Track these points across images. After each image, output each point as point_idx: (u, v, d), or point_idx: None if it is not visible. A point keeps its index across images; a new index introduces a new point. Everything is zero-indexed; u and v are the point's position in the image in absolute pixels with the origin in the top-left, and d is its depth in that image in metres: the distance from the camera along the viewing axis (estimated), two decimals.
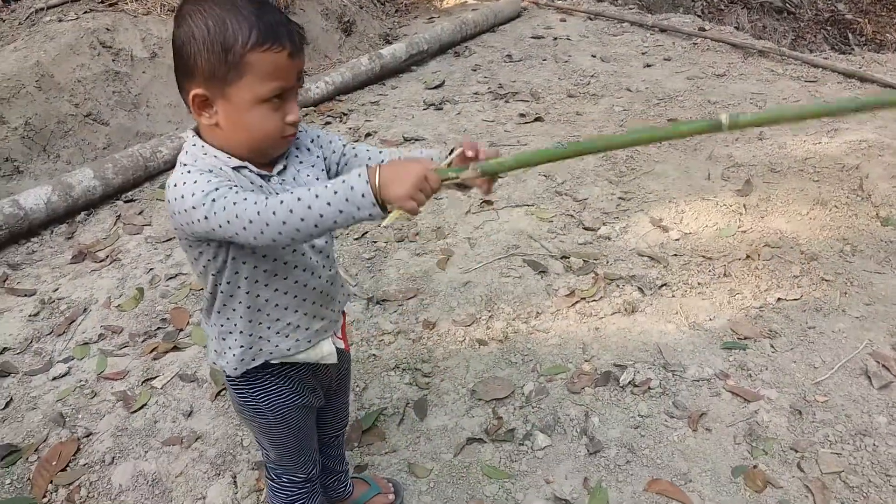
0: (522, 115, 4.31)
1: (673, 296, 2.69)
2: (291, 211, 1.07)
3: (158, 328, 2.72)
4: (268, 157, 1.27)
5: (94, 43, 4.16)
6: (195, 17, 1.14)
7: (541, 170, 3.61)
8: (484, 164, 1.18)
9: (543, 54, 5.31)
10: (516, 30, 5.91)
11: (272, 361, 1.41)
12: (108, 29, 4.26)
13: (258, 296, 1.32)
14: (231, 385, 1.46)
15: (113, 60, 4.20)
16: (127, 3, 4.48)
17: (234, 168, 1.22)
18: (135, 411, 2.33)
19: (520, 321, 2.62)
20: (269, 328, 1.37)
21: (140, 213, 3.48)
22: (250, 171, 1.24)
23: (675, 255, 2.92)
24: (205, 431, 2.24)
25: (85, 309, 2.85)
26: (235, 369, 1.40)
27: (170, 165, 3.85)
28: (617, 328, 2.55)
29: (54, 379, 2.50)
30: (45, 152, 3.83)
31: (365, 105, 4.61)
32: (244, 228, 1.11)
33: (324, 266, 1.39)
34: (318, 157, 1.37)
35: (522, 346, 2.50)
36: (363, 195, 1.07)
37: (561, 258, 2.94)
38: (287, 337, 1.39)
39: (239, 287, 1.31)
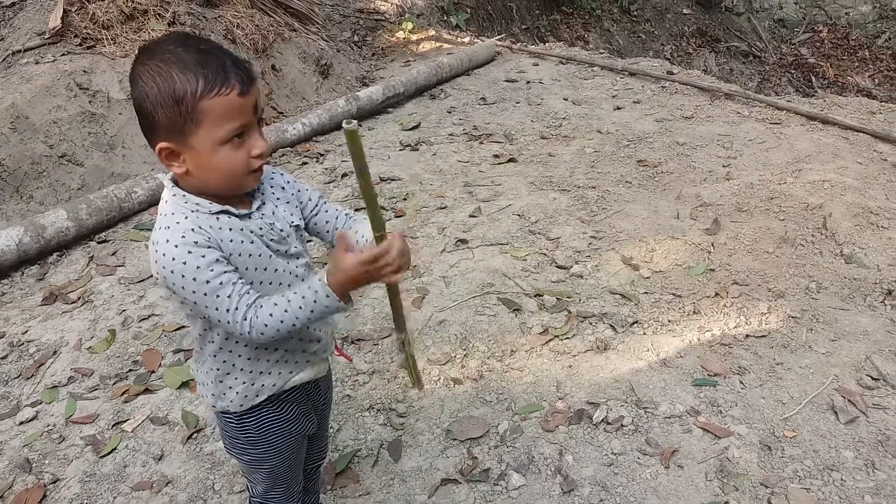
0: (497, 156, 4.38)
1: (644, 333, 2.73)
2: (277, 329, 1.26)
3: (130, 370, 2.69)
4: (242, 191, 1.33)
5: (71, 84, 4.18)
6: (145, 78, 1.21)
7: (515, 210, 3.67)
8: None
9: (517, 97, 5.42)
10: (490, 73, 6.03)
11: (274, 392, 1.46)
12: (85, 71, 4.28)
13: None
14: (229, 422, 1.49)
15: (89, 102, 4.22)
16: (105, 46, 4.51)
17: (215, 214, 1.28)
18: (104, 456, 2.30)
19: (494, 359, 2.63)
20: (268, 361, 1.42)
21: (113, 254, 3.46)
22: (231, 215, 1.30)
23: (646, 292, 2.97)
24: (176, 475, 2.21)
25: (55, 351, 2.81)
26: (241, 406, 1.44)
27: (145, 206, 3.85)
28: (590, 366, 2.57)
29: (21, 423, 2.45)
30: (17, 193, 3.81)
31: (342, 146, 4.66)
32: (228, 322, 1.26)
33: None
34: (292, 195, 1.45)
35: (497, 385, 2.51)
36: (327, 301, 1.28)
37: (535, 296, 2.97)
38: (287, 363, 1.45)
39: None
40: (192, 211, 1.27)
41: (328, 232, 1.49)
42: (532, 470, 2.16)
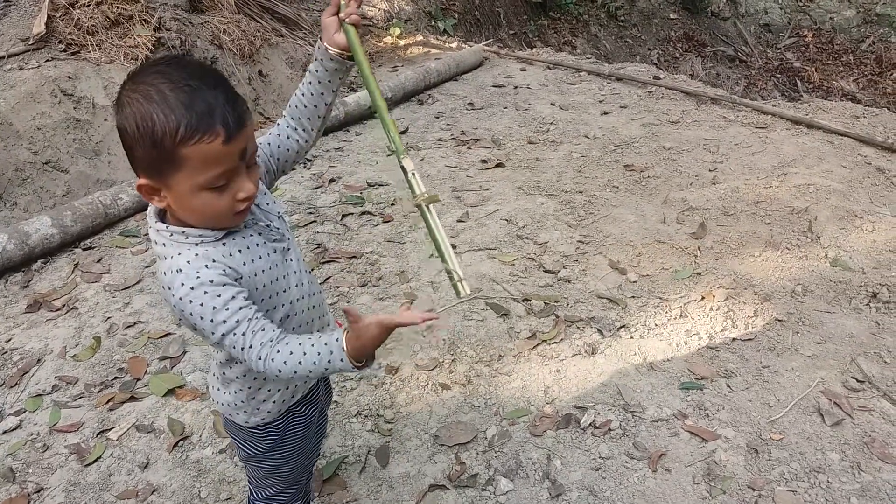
0: (484, 161, 4.39)
1: (631, 337, 2.73)
2: (290, 376, 1.22)
3: (115, 378, 2.67)
4: (227, 228, 1.27)
5: (56, 91, 4.16)
6: (126, 109, 1.14)
7: (502, 214, 3.68)
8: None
9: (504, 102, 5.43)
10: (478, 79, 6.05)
11: (305, 392, 1.51)
12: (69, 77, 4.25)
13: None
14: (254, 434, 1.49)
15: (74, 108, 4.19)
16: (90, 52, 4.49)
17: (221, 241, 1.25)
18: (88, 464, 2.27)
19: (482, 364, 2.63)
20: None
21: (99, 261, 3.43)
22: (234, 234, 1.28)
23: (633, 297, 2.97)
24: (161, 484, 2.19)
25: (39, 359, 2.78)
26: (279, 413, 1.46)
27: (131, 212, 3.82)
28: (577, 370, 2.58)
29: (4, 433, 2.43)
30: (1, 200, 3.78)
31: (329, 151, 4.65)
32: (244, 360, 1.22)
33: (313, 295, 1.47)
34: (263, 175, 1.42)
35: (485, 390, 2.51)
36: (341, 365, 1.23)
37: (522, 301, 2.98)
38: None
39: None
40: (197, 244, 1.22)
41: (280, 148, 1.46)
42: (520, 475, 2.16)
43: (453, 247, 3.37)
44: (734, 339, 2.69)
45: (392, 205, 3.87)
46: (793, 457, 2.16)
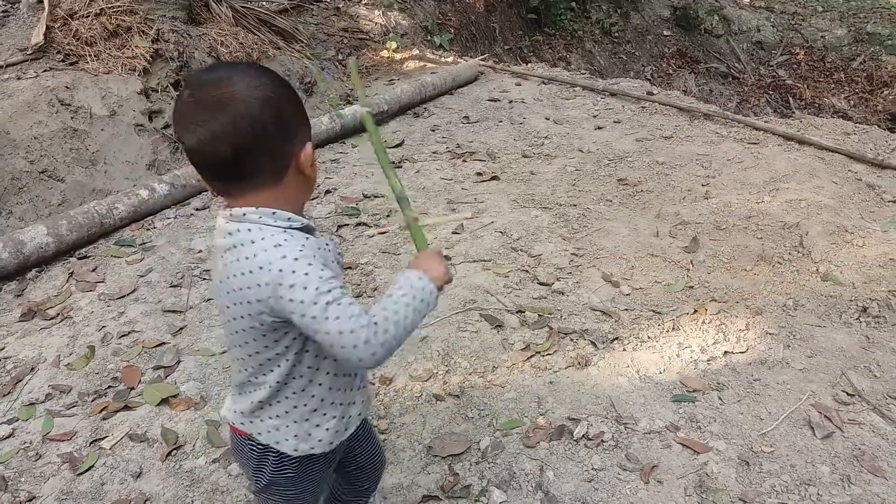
0: (479, 174, 4.42)
1: (624, 350, 2.75)
2: (399, 339, 1.20)
3: (109, 387, 2.66)
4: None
5: (53, 101, 4.17)
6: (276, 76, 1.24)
7: (497, 227, 3.70)
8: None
9: (499, 116, 5.48)
10: (473, 93, 6.09)
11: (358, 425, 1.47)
12: (67, 87, 4.27)
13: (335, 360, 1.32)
14: (282, 464, 1.41)
15: (71, 118, 4.21)
16: (88, 63, 4.51)
17: (302, 230, 1.25)
18: (81, 473, 2.27)
19: (476, 375, 2.64)
20: (351, 389, 1.40)
21: (93, 270, 3.44)
22: (310, 232, 1.29)
23: (626, 309, 3.00)
24: (154, 493, 2.19)
25: (32, 368, 2.78)
26: (330, 445, 1.40)
27: (126, 222, 3.83)
28: (571, 381, 2.59)
29: None
30: None
31: (325, 163, 4.68)
32: (346, 340, 1.15)
33: None
34: None
35: (479, 401, 2.52)
36: (431, 292, 1.27)
37: (516, 312, 2.99)
38: (361, 390, 1.45)
39: (325, 358, 1.31)
40: (286, 229, 1.22)
41: None
42: (513, 486, 2.16)
43: (447, 258, 3.40)
44: (726, 353, 2.71)
45: (387, 216, 3.89)
46: (783, 469, 2.18)
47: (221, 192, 1.24)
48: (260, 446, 1.40)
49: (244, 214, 1.21)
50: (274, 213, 1.22)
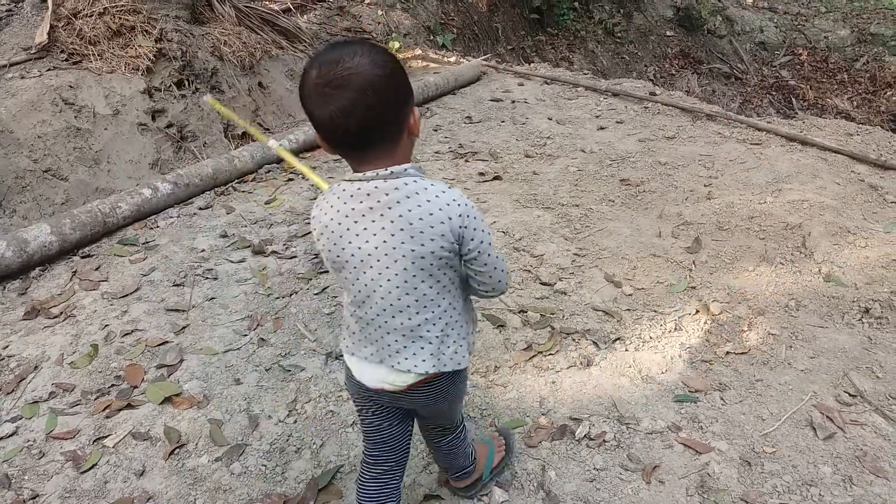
0: (482, 174, 4.42)
1: (626, 350, 2.75)
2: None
3: (112, 385, 2.67)
4: None
5: (57, 100, 4.18)
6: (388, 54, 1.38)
7: (499, 227, 3.70)
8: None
9: (502, 116, 5.48)
10: (476, 93, 6.10)
11: None
12: (71, 86, 4.29)
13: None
14: (459, 377, 1.66)
15: (75, 117, 4.22)
16: (91, 62, 4.52)
17: None
18: (84, 471, 2.28)
19: (478, 375, 2.64)
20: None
21: (97, 269, 3.45)
22: None
23: (629, 309, 3.00)
24: (157, 491, 2.20)
25: (36, 366, 2.79)
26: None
27: (129, 221, 3.84)
28: (573, 382, 2.59)
29: (0, 439, 2.43)
30: (0, 207, 3.79)
31: (328, 162, 4.69)
32: (503, 263, 1.55)
33: None
34: None
35: (481, 401, 2.52)
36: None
37: (519, 312, 3.00)
38: None
39: (466, 289, 1.61)
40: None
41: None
42: (515, 485, 2.17)
43: None
44: (728, 353, 2.71)
45: None
46: (785, 470, 2.18)
47: (350, 157, 1.42)
48: (448, 377, 1.62)
49: (399, 171, 1.39)
50: (414, 168, 1.43)
